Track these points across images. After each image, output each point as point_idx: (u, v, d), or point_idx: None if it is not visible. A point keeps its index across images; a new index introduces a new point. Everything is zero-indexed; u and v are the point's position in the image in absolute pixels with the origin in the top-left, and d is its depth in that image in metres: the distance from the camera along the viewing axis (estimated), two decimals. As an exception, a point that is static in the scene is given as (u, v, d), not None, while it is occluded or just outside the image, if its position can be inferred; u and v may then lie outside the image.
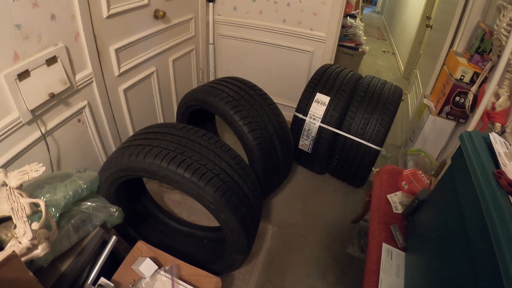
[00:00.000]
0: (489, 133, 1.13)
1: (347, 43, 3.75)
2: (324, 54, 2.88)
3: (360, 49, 3.82)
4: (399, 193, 1.77)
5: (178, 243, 2.04)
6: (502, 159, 1.02)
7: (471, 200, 0.96)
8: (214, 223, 2.13)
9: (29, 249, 1.06)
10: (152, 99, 2.51)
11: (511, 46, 1.56)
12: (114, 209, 1.50)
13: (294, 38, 2.91)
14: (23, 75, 1.41)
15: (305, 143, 2.52)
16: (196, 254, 1.94)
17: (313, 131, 2.43)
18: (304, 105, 2.47)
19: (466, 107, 2.10)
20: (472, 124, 1.88)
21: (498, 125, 1.72)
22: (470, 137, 1.12)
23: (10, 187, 1.11)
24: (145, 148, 1.49)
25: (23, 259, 1.03)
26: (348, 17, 3.72)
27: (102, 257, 1.41)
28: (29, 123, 1.52)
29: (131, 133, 2.31)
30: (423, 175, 1.81)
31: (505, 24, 1.62)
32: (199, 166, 1.46)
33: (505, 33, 1.62)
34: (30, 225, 1.06)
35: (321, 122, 2.39)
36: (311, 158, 2.61)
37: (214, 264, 1.82)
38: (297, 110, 2.51)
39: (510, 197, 0.87)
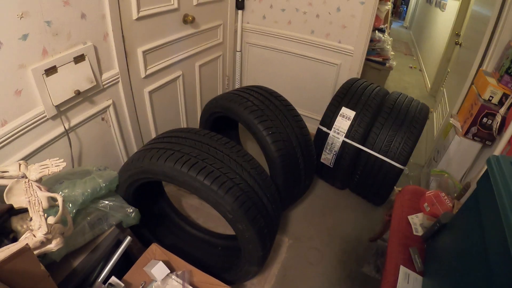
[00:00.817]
0: None
1: (375, 57, 3.71)
2: (351, 67, 2.85)
3: (387, 64, 3.77)
4: (420, 215, 1.72)
5: (192, 248, 2.03)
6: None
7: (495, 227, 0.93)
8: (229, 231, 2.11)
9: (43, 243, 1.06)
10: (177, 103, 2.52)
11: None
12: (131, 210, 1.51)
13: (321, 50, 2.89)
14: (51, 71, 1.44)
15: (327, 157, 2.48)
16: (209, 261, 1.92)
17: (336, 146, 2.40)
18: (328, 118, 2.43)
19: (494, 129, 2.04)
20: (500, 148, 1.83)
21: (526, 149, 1.67)
22: (498, 162, 1.09)
23: (29, 180, 1.12)
24: (167, 152, 1.48)
25: (36, 252, 1.03)
26: (377, 31, 3.68)
27: (115, 256, 1.42)
28: (53, 118, 1.54)
29: (153, 135, 2.32)
30: (446, 197, 1.75)
31: None
32: (220, 174, 1.44)
33: None
34: (46, 219, 1.06)
35: (345, 136, 2.35)
36: (333, 173, 2.57)
37: (227, 273, 1.79)
38: (322, 123, 2.48)
39: None
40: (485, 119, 2.09)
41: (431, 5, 6.87)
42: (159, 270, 1.38)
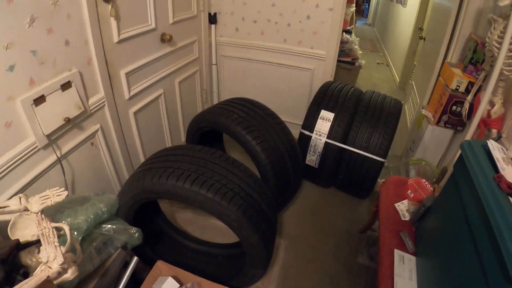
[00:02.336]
0: (487, 141, 1.20)
1: (344, 58, 3.84)
2: (324, 71, 2.95)
3: (356, 63, 3.91)
4: (405, 202, 1.82)
5: (194, 261, 2.07)
6: (501, 164, 1.09)
7: (474, 203, 1.04)
8: (226, 240, 2.16)
9: (59, 273, 1.07)
10: (160, 121, 2.55)
11: (503, 57, 1.62)
12: (134, 231, 1.53)
13: (295, 57, 2.98)
14: (39, 100, 1.43)
15: (312, 159, 2.56)
16: (212, 272, 1.96)
17: (319, 147, 2.48)
18: (310, 122, 2.52)
19: (463, 115, 2.18)
20: (470, 132, 1.94)
21: (494, 131, 1.79)
22: (470, 146, 1.20)
23: (39, 213, 1.13)
24: (167, 170, 1.52)
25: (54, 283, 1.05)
26: (344, 33, 3.82)
27: (125, 278, 1.42)
28: (45, 147, 1.53)
29: (141, 155, 2.34)
30: (426, 183, 1.86)
31: (496, 37, 1.69)
32: (221, 186, 1.50)
33: (497, 45, 1.69)
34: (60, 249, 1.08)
35: (327, 137, 2.44)
36: (318, 173, 2.65)
37: (232, 280, 1.84)
38: (303, 127, 2.56)
39: (510, 198, 0.95)
40: (454, 107, 2.22)
41: (392, 1, 7.09)
42: (169, 285, 1.41)
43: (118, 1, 1.81)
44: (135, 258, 1.48)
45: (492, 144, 1.18)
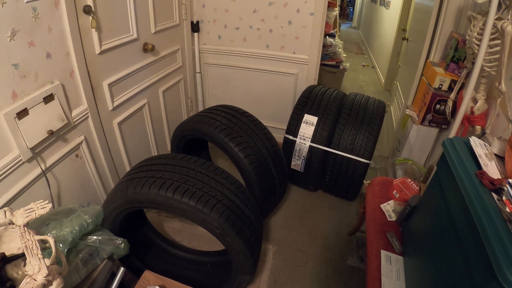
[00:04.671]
0: (470, 138, 1.21)
1: (328, 62, 3.89)
2: (308, 75, 2.98)
3: (341, 66, 3.96)
4: (391, 202, 1.84)
5: (182, 269, 2.07)
6: (483, 160, 1.11)
7: (458, 200, 1.04)
8: (215, 247, 2.17)
9: (44, 286, 1.07)
10: (145, 131, 2.55)
11: (483, 53, 1.65)
12: (120, 241, 1.53)
13: (278, 62, 3.01)
14: (22, 113, 1.43)
15: (297, 163, 2.58)
16: (201, 280, 1.97)
17: (304, 151, 2.50)
18: (293, 126, 2.55)
19: (447, 113, 2.20)
20: (454, 129, 1.96)
21: (478, 127, 1.81)
22: (452, 143, 1.21)
23: (23, 226, 1.13)
24: (149, 180, 1.53)
25: (39, 296, 1.05)
26: (328, 37, 3.87)
27: (112, 288, 1.43)
28: (29, 160, 1.53)
29: (126, 165, 2.34)
30: (412, 182, 1.88)
31: (475, 34, 1.72)
32: (203, 193, 1.51)
33: (477, 42, 1.71)
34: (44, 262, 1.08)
35: (311, 141, 2.47)
36: (304, 177, 2.67)
37: (221, 287, 1.84)
38: (287, 132, 2.59)
39: (493, 193, 0.96)
40: (438, 106, 2.24)
41: (376, 4, 7.20)
42: (156, 294, 1.41)
43: (99, 12, 1.82)
44: (122, 268, 1.48)
45: (474, 141, 1.19)
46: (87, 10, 1.72)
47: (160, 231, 2.24)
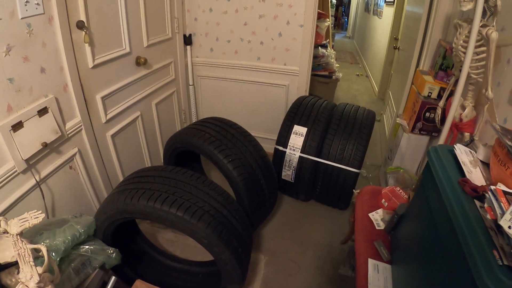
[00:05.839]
0: (454, 145, 1.21)
1: (321, 72, 3.93)
2: (299, 86, 3.03)
3: (333, 77, 4.00)
4: (380, 211, 1.84)
5: (175, 280, 2.09)
6: (467, 167, 1.10)
7: (441, 208, 1.04)
8: (207, 258, 2.17)
9: (36, 292, 1.11)
10: (139, 143, 2.58)
11: (469, 61, 1.68)
12: (112, 251, 1.55)
13: (269, 74, 3.07)
14: (17, 126, 1.47)
15: (287, 173, 2.62)
16: (193, 289, 1.98)
17: (294, 162, 2.54)
18: (283, 137, 2.58)
19: (436, 121, 2.22)
20: (442, 137, 1.98)
21: (467, 134, 1.84)
22: (436, 152, 1.22)
23: (16, 234, 1.16)
24: (139, 192, 1.57)
25: (31, 302, 1.07)
26: (320, 47, 3.91)
27: (104, 298, 1.45)
28: (24, 172, 1.57)
29: (120, 177, 2.36)
30: (401, 191, 1.88)
31: (461, 41, 1.75)
32: (190, 204, 1.55)
33: (463, 50, 1.74)
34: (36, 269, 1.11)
35: (300, 152, 2.50)
36: (295, 187, 2.70)
37: (212, 296, 1.86)
38: (277, 143, 2.62)
39: (476, 201, 0.95)
40: (427, 114, 2.28)
41: (369, 13, 7.29)
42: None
43: (92, 27, 1.87)
44: (113, 277, 1.49)
45: (459, 149, 1.19)
46: (80, 25, 1.76)
47: (153, 241, 2.26)
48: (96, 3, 1.87)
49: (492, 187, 0.93)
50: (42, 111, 1.60)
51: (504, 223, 0.79)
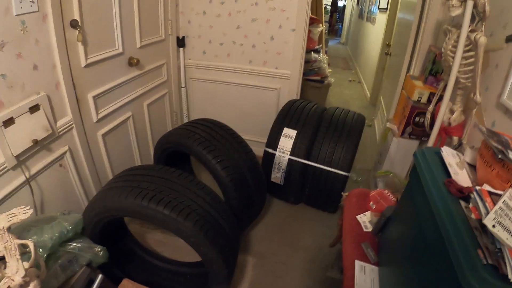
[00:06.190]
0: (441, 148, 1.22)
1: (313, 77, 3.96)
2: (290, 90, 3.06)
3: (325, 82, 4.04)
4: (368, 213, 1.85)
5: (163, 280, 2.09)
6: (453, 169, 1.11)
7: (426, 209, 1.04)
8: (196, 259, 2.17)
9: (22, 286, 1.10)
10: (129, 143, 2.58)
11: (457, 65, 1.70)
12: (99, 249, 1.56)
13: (261, 77, 3.09)
14: (8, 122, 1.47)
15: (277, 176, 2.64)
16: (180, 290, 1.99)
17: (283, 164, 2.56)
18: (273, 140, 2.60)
19: (426, 125, 2.23)
20: (431, 141, 1.99)
21: (455, 138, 1.86)
22: (423, 154, 1.22)
23: (3, 227, 1.17)
24: (126, 189, 1.58)
25: (16, 296, 1.08)
26: (312, 52, 3.95)
27: (90, 295, 1.46)
28: (14, 168, 1.57)
29: (110, 176, 2.36)
30: (389, 194, 1.90)
31: (450, 46, 1.77)
32: (177, 203, 1.56)
33: (451, 54, 1.76)
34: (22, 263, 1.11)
35: (290, 154, 2.53)
36: (285, 190, 2.72)
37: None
38: (267, 145, 2.64)
39: (461, 201, 0.95)
40: (417, 118, 2.29)
41: (363, 20, 7.35)
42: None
43: (86, 27, 1.88)
44: (100, 275, 1.50)
45: (446, 151, 1.20)
46: (74, 24, 1.78)
47: (142, 242, 2.27)
48: (90, 3, 1.89)
49: (477, 187, 0.94)
50: (34, 108, 1.61)
51: (488, 222, 0.79)
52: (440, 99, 2.06)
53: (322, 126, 2.56)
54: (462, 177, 1.08)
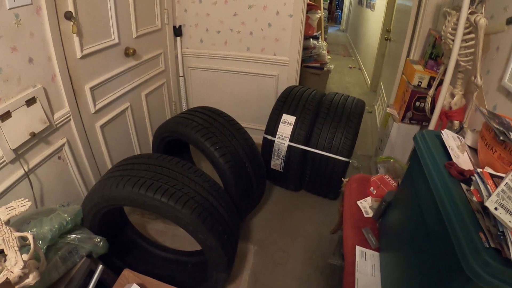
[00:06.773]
0: (441, 131, 1.20)
1: (312, 64, 3.93)
2: (288, 76, 3.04)
3: (325, 68, 4.01)
4: (368, 199, 1.86)
5: (164, 270, 2.10)
6: (454, 152, 1.10)
7: (427, 193, 1.03)
8: (197, 248, 2.18)
9: (21, 278, 1.11)
10: (128, 134, 2.58)
11: (457, 48, 1.68)
12: (99, 239, 1.57)
13: (259, 64, 3.07)
14: (5, 116, 1.47)
15: (276, 163, 2.63)
16: (181, 279, 2.00)
17: (282, 151, 2.55)
18: (272, 127, 2.59)
19: (426, 110, 2.21)
20: (432, 125, 1.97)
21: (456, 122, 1.84)
22: (423, 137, 1.21)
23: (1, 220, 1.17)
24: (124, 178, 1.58)
25: None
26: (311, 39, 3.92)
27: (90, 286, 1.45)
28: (12, 162, 1.57)
29: (109, 167, 2.35)
30: (390, 179, 1.89)
31: (450, 29, 1.75)
32: (175, 190, 1.56)
33: (451, 37, 1.74)
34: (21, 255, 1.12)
35: (289, 141, 2.52)
36: (285, 177, 2.71)
37: (200, 286, 1.88)
38: (266, 132, 2.63)
39: (462, 184, 0.94)
40: (417, 103, 2.27)
41: (362, 6, 7.29)
42: (134, 292, 1.44)
43: (80, 18, 1.87)
44: (101, 266, 1.51)
45: (446, 134, 1.18)
46: (68, 16, 1.76)
47: (143, 232, 2.28)
48: (84, -6, 1.87)
49: (479, 170, 0.93)
50: (30, 101, 1.60)
51: (490, 204, 0.78)
52: (441, 83, 2.04)
53: (321, 112, 2.55)
54: (463, 160, 1.07)
